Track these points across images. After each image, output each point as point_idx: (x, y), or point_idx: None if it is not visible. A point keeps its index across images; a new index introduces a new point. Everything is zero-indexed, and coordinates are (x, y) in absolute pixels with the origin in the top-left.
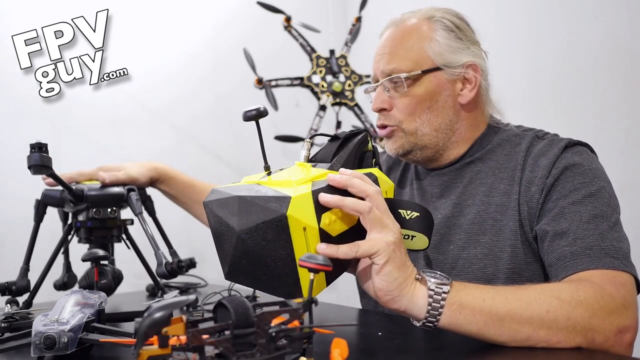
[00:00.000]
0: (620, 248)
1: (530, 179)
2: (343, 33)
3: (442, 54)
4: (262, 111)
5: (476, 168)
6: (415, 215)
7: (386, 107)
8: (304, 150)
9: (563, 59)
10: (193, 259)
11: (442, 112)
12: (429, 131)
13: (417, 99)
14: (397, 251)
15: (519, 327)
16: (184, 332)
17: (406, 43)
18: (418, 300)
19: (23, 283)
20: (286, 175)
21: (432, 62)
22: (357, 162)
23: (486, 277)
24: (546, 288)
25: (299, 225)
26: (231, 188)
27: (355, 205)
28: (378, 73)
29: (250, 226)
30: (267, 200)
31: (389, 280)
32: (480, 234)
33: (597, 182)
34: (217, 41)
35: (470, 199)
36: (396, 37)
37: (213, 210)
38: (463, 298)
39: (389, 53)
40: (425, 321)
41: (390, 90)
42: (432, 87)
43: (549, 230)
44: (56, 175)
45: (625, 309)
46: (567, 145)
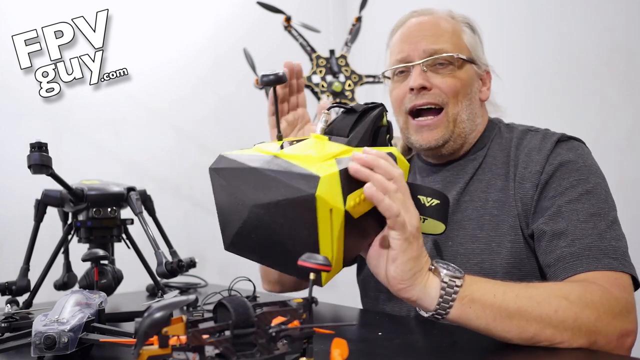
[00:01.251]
0: (619, 247)
1: (524, 174)
2: (343, 33)
3: (474, 48)
4: (282, 76)
5: (477, 164)
6: (436, 202)
7: (427, 85)
8: (321, 123)
9: (562, 59)
10: (193, 258)
11: (473, 102)
12: (466, 118)
13: (461, 82)
14: (415, 241)
15: (526, 325)
16: (184, 332)
17: (447, 27)
18: (430, 291)
19: (23, 283)
20: (304, 149)
21: (469, 52)
22: (372, 137)
23: (484, 271)
24: (555, 288)
25: (326, 207)
26: (244, 157)
27: (383, 183)
28: (416, 54)
29: (269, 201)
30: (292, 177)
31: (404, 270)
32: (478, 229)
33: (592, 178)
34: (217, 41)
35: (469, 196)
36: (434, 22)
37: (222, 178)
38: (475, 292)
39: (433, 35)
40: (434, 313)
41: (428, 71)
42: (471, 76)
43: (547, 230)
44: (56, 174)
45: (628, 313)
46: (560, 139)
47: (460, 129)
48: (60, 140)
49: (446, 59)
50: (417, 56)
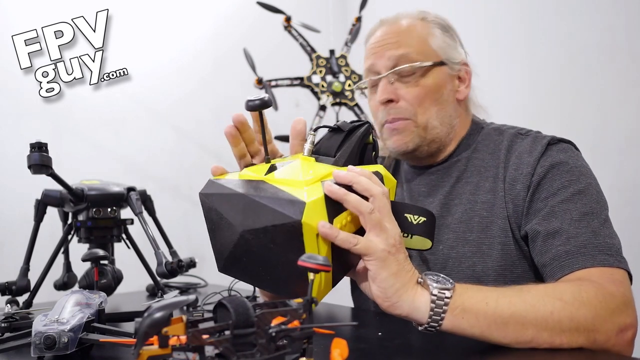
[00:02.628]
0: (613, 244)
1: (515, 176)
2: (343, 33)
3: (443, 49)
4: (267, 101)
5: (462, 167)
6: (423, 220)
7: (393, 98)
8: (308, 144)
9: (562, 59)
10: (193, 258)
11: (446, 106)
12: (438, 124)
13: (426, 90)
14: (393, 258)
15: (523, 329)
16: (184, 332)
17: (411, 34)
18: (420, 305)
19: (23, 283)
20: (291, 172)
21: (437, 55)
22: (359, 155)
23: (476, 275)
24: (549, 289)
25: (313, 232)
26: (232, 182)
27: (357, 203)
28: (380, 66)
29: (257, 227)
30: (279, 203)
31: (385, 287)
32: (467, 232)
33: (584, 179)
34: (217, 41)
35: (457, 198)
36: (397, 30)
37: (211, 204)
38: (466, 302)
39: (395, 42)
40: (427, 326)
41: (394, 82)
42: (438, 80)
43: (541, 230)
44: (56, 174)
45: (626, 307)
46: (551, 142)
47: (433, 134)
48: (60, 140)
49: (409, 68)
50: (382, 66)
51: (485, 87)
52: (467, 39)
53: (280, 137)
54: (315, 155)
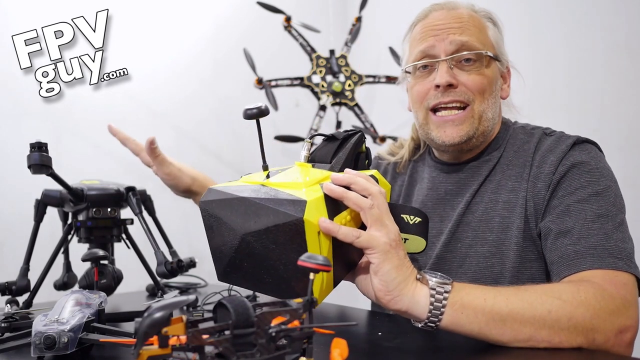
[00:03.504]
0: (625, 248)
1: (537, 174)
2: (343, 33)
3: (497, 43)
4: (264, 110)
5: (491, 166)
6: (418, 220)
7: (454, 82)
8: (304, 151)
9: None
10: (193, 258)
11: (497, 101)
12: (490, 116)
13: (487, 80)
14: (394, 252)
15: (520, 327)
16: (184, 332)
17: (473, 22)
18: (420, 299)
19: (23, 283)
20: (289, 176)
21: (493, 48)
22: (353, 162)
23: (493, 275)
24: (547, 288)
25: (314, 230)
26: (232, 188)
27: (357, 199)
28: (440, 49)
29: (259, 229)
30: (280, 203)
31: (387, 280)
32: (487, 231)
33: (603, 180)
34: (217, 41)
35: (479, 197)
36: (459, 15)
37: (212, 210)
38: (464, 297)
39: (459, 27)
40: (427, 321)
41: (454, 68)
42: (495, 73)
43: (553, 228)
44: (56, 174)
45: (626, 309)
46: (576, 142)
47: (485, 126)
48: (60, 140)
49: (474, 55)
50: (442, 49)
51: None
52: None
53: (281, 137)
54: (311, 162)
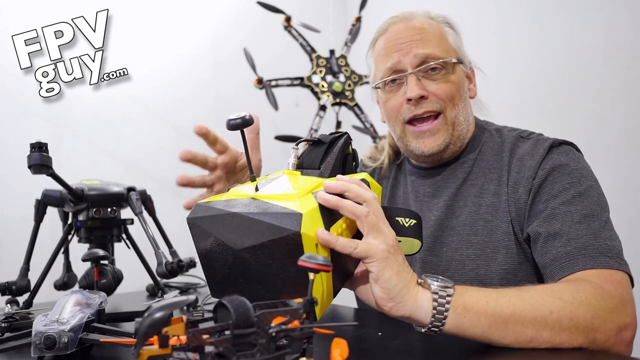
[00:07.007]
0: (613, 247)
1: (517, 179)
2: (343, 33)
3: (458, 47)
4: (248, 119)
5: (468, 168)
6: (413, 222)
7: (424, 94)
8: (292, 158)
9: (561, 59)
10: (193, 258)
11: (466, 104)
12: (463, 120)
13: (455, 86)
14: (393, 258)
15: (522, 329)
16: (184, 332)
17: (433, 31)
18: (423, 304)
19: (23, 283)
20: (280, 187)
21: (455, 53)
22: (341, 165)
23: (479, 278)
24: (547, 289)
25: (312, 242)
26: (222, 203)
27: (353, 208)
28: (406, 63)
29: (254, 244)
30: (274, 217)
31: (389, 287)
32: (472, 235)
33: (585, 181)
34: (217, 41)
35: (462, 201)
36: (419, 27)
37: (202, 227)
38: (467, 300)
39: (420, 40)
40: (430, 326)
41: (422, 79)
42: (462, 76)
43: (542, 232)
44: (56, 174)
45: (624, 307)
46: (552, 145)
47: (459, 131)
48: (60, 140)
49: (439, 64)
50: (408, 63)
51: (484, 87)
52: (467, 38)
53: (281, 137)
54: (300, 169)
